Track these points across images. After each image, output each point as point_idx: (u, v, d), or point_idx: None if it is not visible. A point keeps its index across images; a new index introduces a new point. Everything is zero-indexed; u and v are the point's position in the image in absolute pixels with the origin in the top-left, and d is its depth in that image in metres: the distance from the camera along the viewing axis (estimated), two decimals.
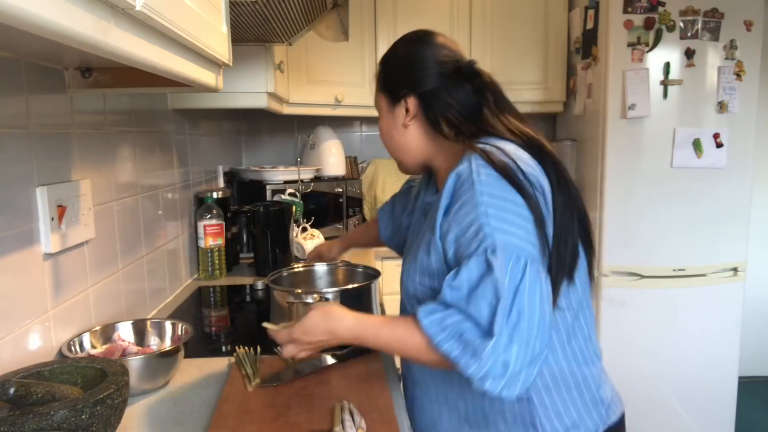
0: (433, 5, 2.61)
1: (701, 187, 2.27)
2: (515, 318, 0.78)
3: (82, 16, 0.50)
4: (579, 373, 0.95)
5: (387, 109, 1.05)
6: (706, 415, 2.38)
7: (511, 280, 0.79)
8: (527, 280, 0.80)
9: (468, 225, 0.84)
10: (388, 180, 2.79)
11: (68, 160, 1.11)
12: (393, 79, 1.03)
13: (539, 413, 0.93)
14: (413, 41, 1.04)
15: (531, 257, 0.81)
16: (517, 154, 0.90)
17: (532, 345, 0.79)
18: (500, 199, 0.84)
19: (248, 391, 1.05)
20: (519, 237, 0.82)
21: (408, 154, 1.06)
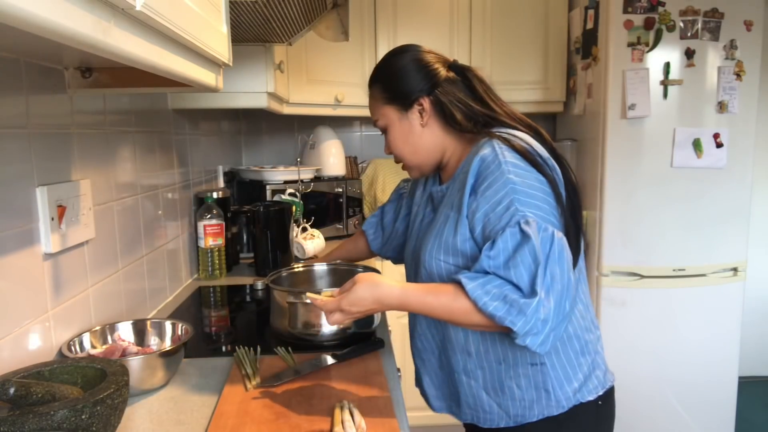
0: (433, 5, 2.61)
1: (701, 187, 2.27)
2: (549, 280, 0.89)
3: (82, 16, 0.50)
4: (582, 338, 1.06)
5: (399, 118, 1.10)
6: (706, 415, 2.38)
7: (543, 248, 0.89)
8: (555, 247, 0.90)
9: (498, 201, 0.94)
10: (388, 180, 2.79)
11: (68, 160, 1.11)
12: (400, 87, 1.09)
13: (551, 376, 1.03)
14: (406, 51, 1.12)
15: (556, 229, 0.92)
16: (530, 141, 1.01)
17: (563, 304, 0.90)
18: (526, 178, 0.94)
19: (248, 391, 1.05)
20: (545, 211, 0.93)
21: (425, 154, 1.11)
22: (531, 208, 0.92)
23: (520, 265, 0.90)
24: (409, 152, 1.12)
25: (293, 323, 1.27)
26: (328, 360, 1.16)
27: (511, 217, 0.92)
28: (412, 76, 1.08)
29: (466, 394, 1.10)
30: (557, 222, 0.94)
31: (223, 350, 1.31)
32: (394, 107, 1.10)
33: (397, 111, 1.10)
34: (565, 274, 0.90)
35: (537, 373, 1.03)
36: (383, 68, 1.13)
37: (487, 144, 1.00)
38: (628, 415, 2.34)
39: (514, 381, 1.05)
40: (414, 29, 2.62)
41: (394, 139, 1.13)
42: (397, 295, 0.97)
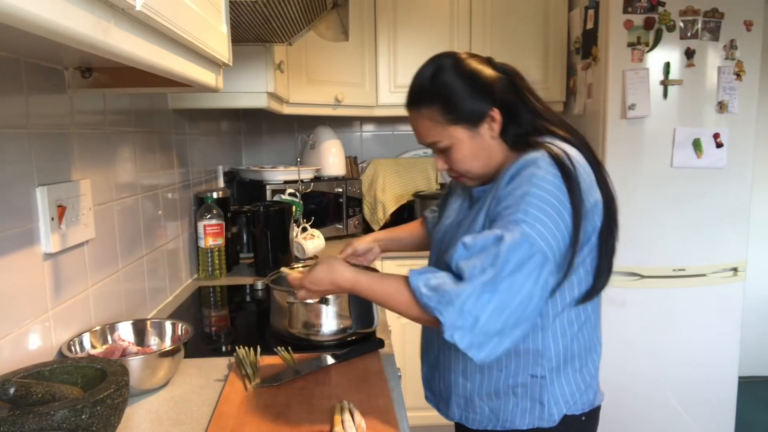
0: (433, 5, 2.61)
1: (701, 187, 2.27)
2: (499, 285, 0.87)
3: (82, 16, 0.50)
4: (584, 358, 1.06)
5: (469, 137, 1.03)
6: (706, 415, 2.38)
7: (512, 255, 0.87)
8: (530, 265, 0.88)
9: (508, 204, 0.93)
10: (388, 180, 2.79)
11: (68, 160, 1.11)
12: (467, 105, 1.02)
13: (548, 390, 1.03)
14: (450, 66, 1.03)
15: (543, 253, 0.89)
16: (578, 158, 0.98)
17: (506, 316, 0.87)
18: (548, 193, 0.91)
19: (248, 391, 1.05)
20: (546, 228, 0.89)
21: (494, 165, 1.06)
22: (533, 220, 0.89)
23: (477, 262, 0.88)
24: (479, 166, 1.06)
25: (293, 323, 1.27)
26: (328, 360, 1.16)
27: (507, 222, 0.91)
28: (475, 89, 1.02)
29: (458, 395, 1.10)
30: (558, 246, 0.91)
31: (223, 350, 1.31)
32: (461, 126, 1.02)
33: (466, 129, 1.03)
34: (523, 292, 0.87)
35: (536, 385, 1.03)
36: (436, 88, 1.03)
37: (535, 152, 0.97)
38: (628, 415, 2.34)
39: (511, 389, 1.04)
40: (414, 29, 2.62)
41: (462, 157, 1.05)
42: (349, 279, 1.02)
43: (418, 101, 1.05)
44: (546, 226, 0.90)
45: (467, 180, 1.10)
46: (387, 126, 3.06)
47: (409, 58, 2.64)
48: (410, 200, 2.76)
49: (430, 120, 1.03)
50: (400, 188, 2.81)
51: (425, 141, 1.06)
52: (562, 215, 0.91)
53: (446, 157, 1.07)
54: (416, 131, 1.07)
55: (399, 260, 2.37)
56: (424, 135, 1.06)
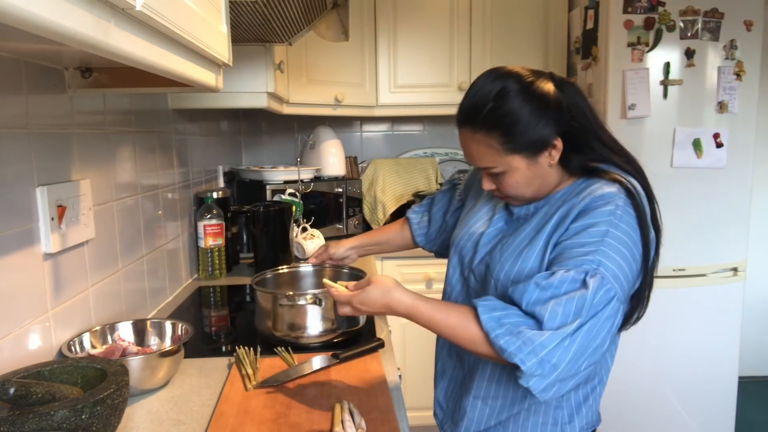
0: (433, 5, 2.61)
1: (701, 187, 2.27)
2: (579, 332, 0.85)
3: (82, 16, 0.50)
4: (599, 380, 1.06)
5: (527, 164, 0.97)
6: (706, 415, 2.38)
7: (594, 305, 0.86)
8: (607, 311, 0.87)
9: (584, 242, 0.90)
10: (388, 180, 2.79)
11: (68, 160, 1.11)
12: (531, 135, 0.94)
13: (562, 405, 1.04)
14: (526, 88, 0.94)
15: (619, 296, 0.89)
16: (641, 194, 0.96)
17: (580, 362, 0.86)
18: (625, 234, 0.90)
19: (248, 391, 1.05)
20: (623, 272, 0.89)
21: (545, 190, 1.02)
22: (610, 263, 0.88)
23: (559, 309, 0.86)
24: (531, 192, 1.01)
25: (278, 325, 1.26)
26: (328, 360, 1.16)
27: (583, 261, 0.88)
28: (539, 119, 0.94)
29: (471, 420, 1.08)
30: (627, 287, 0.90)
31: (223, 350, 1.31)
32: (520, 156, 0.96)
33: (525, 159, 0.97)
34: (599, 338, 0.87)
35: (558, 408, 1.04)
36: (499, 115, 0.94)
37: (608, 185, 0.94)
38: (628, 415, 2.34)
39: (525, 404, 1.04)
40: (414, 29, 2.62)
41: (515, 183, 0.99)
42: (407, 306, 0.96)
43: (474, 123, 0.96)
44: (622, 270, 0.89)
45: (512, 201, 1.06)
46: (387, 126, 3.06)
47: (409, 58, 2.64)
48: (410, 200, 2.76)
49: (487, 147, 0.96)
50: (400, 188, 2.81)
51: (477, 164, 1.01)
52: (635, 257, 0.91)
53: (497, 180, 1.01)
54: (468, 152, 1.00)
55: (399, 260, 2.38)
56: (476, 158, 0.99)
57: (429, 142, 3.07)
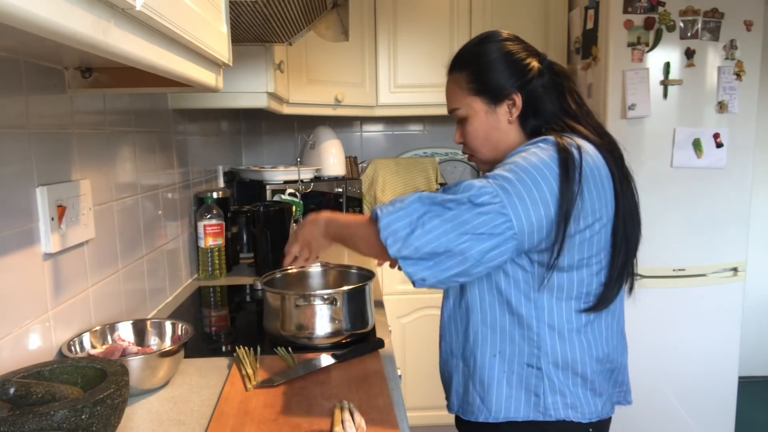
0: (433, 5, 2.61)
1: (701, 187, 2.27)
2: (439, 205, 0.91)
3: (82, 16, 0.50)
4: (589, 365, 1.02)
5: (486, 111, 1.05)
6: (706, 415, 2.38)
7: (472, 197, 0.90)
8: (483, 210, 0.89)
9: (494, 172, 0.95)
10: (388, 180, 2.79)
11: (68, 160, 1.11)
12: (492, 79, 1.04)
13: (544, 384, 1.00)
14: (496, 40, 1.06)
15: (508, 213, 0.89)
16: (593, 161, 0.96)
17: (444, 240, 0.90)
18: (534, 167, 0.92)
19: (248, 391, 1.05)
20: (517, 196, 0.90)
21: (503, 150, 1.06)
22: (506, 183, 0.91)
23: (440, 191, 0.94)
24: (488, 148, 1.08)
25: (286, 325, 1.27)
26: (328, 360, 1.16)
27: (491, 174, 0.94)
28: (506, 68, 1.03)
29: (458, 383, 1.10)
30: (524, 219, 0.90)
31: (223, 350, 1.31)
32: (481, 99, 1.05)
33: (484, 104, 1.05)
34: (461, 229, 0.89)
35: (531, 376, 1.01)
36: (472, 56, 1.07)
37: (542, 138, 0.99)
38: (628, 415, 2.34)
39: (505, 377, 1.02)
40: (414, 29, 2.62)
41: (474, 131, 1.07)
42: (324, 215, 1.11)
43: (453, 66, 1.09)
44: (519, 194, 0.90)
45: (477, 161, 1.12)
46: (387, 126, 3.06)
47: (409, 58, 2.64)
48: None
49: (456, 85, 1.07)
50: (400, 188, 2.81)
51: (448, 107, 1.10)
52: (544, 195, 0.91)
53: (463, 129, 1.09)
54: (446, 95, 1.11)
55: None
56: (448, 100, 1.10)
57: (429, 142, 3.07)
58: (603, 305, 1.00)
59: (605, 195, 0.96)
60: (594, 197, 0.94)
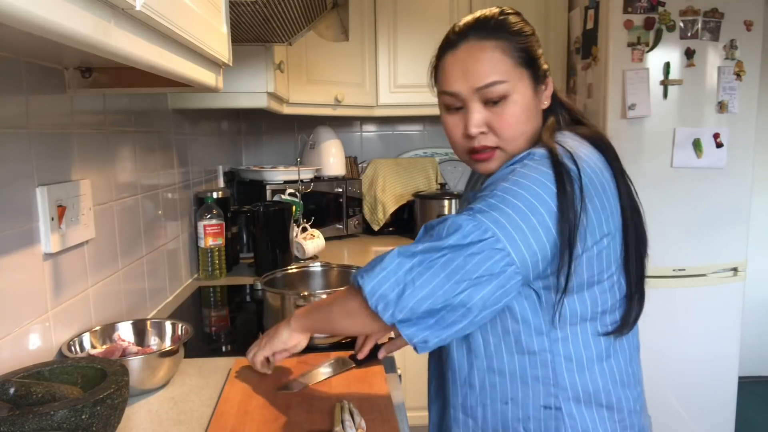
0: (433, 5, 2.61)
1: (701, 187, 2.27)
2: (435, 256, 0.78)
3: (82, 16, 0.50)
4: (614, 394, 0.89)
5: (532, 90, 0.89)
6: (706, 415, 2.38)
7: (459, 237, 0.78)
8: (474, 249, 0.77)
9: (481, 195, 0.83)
10: (388, 180, 2.79)
11: (68, 160, 1.11)
12: (536, 54, 0.90)
13: (566, 424, 0.86)
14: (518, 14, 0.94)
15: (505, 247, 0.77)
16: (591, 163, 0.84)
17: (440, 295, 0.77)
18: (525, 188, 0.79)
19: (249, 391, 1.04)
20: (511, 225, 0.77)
21: (532, 141, 0.90)
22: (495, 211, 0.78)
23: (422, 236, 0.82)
24: (525, 138, 0.89)
25: None
26: (345, 363, 1.14)
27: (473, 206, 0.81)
28: (539, 48, 0.91)
29: None
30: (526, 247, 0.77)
31: (223, 350, 1.31)
32: (530, 73, 0.88)
33: (532, 80, 0.88)
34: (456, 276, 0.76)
35: (550, 418, 0.86)
36: (514, 22, 0.89)
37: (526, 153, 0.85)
38: None
39: (521, 424, 0.88)
40: (414, 29, 2.62)
41: (517, 114, 0.87)
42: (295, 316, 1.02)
43: (482, 31, 0.87)
44: (512, 221, 0.77)
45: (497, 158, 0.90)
46: (387, 126, 3.06)
47: (409, 58, 2.64)
48: (410, 200, 2.76)
49: (503, 52, 0.86)
50: (400, 188, 2.81)
51: (484, 79, 0.86)
52: (542, 218, 0.78)
53: (494, 112, 0.87)
54: (470, 67, 0.87)
55: None
56: (485, 70, 0.86)
57: (429, 142, 3.07)
58: (627, 326, 0.88)
59: (610, 204, 0.84)
60: (599, 210, 0.82)
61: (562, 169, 0.79)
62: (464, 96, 0.88)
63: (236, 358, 1.20)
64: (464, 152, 0.93)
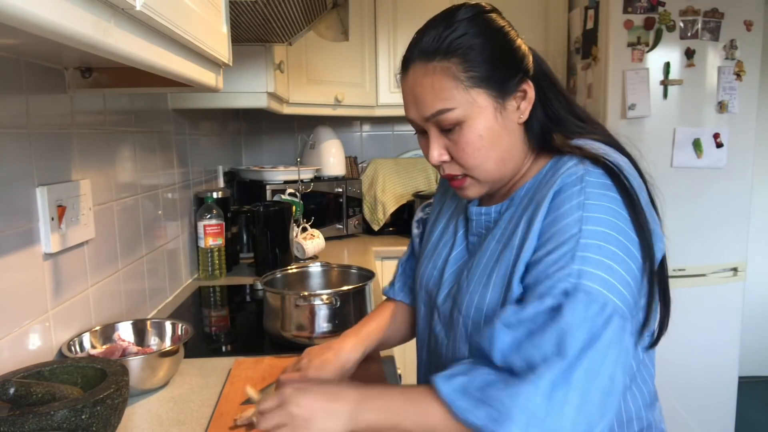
0: (433, 5, 2.60)
1: (701, 187, 2.27)
2: (572, 373, 0.62)
3: (82, 16, 0.50)
4: (645, 417, 0.83)
5: (494, 107, 0.76)
6: (706, 415, 2.38)
7: (586, 335, 0.63)
8: (608, 334, 0.64)
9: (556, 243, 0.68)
10: (388, 180, 2.79)
11: (68, 160, 1.11)
12: (495, 63, 0.75)
13: None
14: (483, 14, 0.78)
15: (618, 308, 0.65)
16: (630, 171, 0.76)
17: (592, 414, 0.63)
18: (605, 224, 0.67)
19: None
20: (616, 279, 0.66)
21: (511, 164, 0.80)
22: (594, 268, 0.65)
23: (532, 350, 0.64)
24: (495, 161, 0.78)
25: (286, 326, 1.26)
26: None
27: (558, 279, 0.66)
28: (503, 50, 0.76)
29: None
30: (630, 293, 0.66)
31: (223, 350, 1.31)
32: (486, 91, 0.75)
33: (491, 98, 0.75)
34: (608, 374, 0.63)
35: None
36: (454, 34, 0.75)
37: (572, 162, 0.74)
38: None
39: None
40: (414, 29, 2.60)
41: (477, 138, 0.76)
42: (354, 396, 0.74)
43: (425, 53, 0.76)
44: (614, 272, 0.65)
45: (470, 185, 0.81)
46: (387, 126, 3.06)
47: None
48: (410, 200, 2.76)
49: (446, 76, 0.75)
50: (400, 188, 2.81)
51: (430, 108, 0.76)
52: (629, 251, 0.67)
53: (451, 140, 0.77)
54: (418, 95, 0.77)
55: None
56: (430, 98, 0.76)
57: None
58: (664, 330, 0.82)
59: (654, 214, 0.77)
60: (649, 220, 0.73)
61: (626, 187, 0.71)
62: (419, 124, 0.80)
63: (236, 358, 1.20)
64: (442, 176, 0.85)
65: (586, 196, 0.69)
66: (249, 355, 1.22)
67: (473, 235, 0.87)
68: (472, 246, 0.86)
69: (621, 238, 0.67)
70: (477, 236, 0.86)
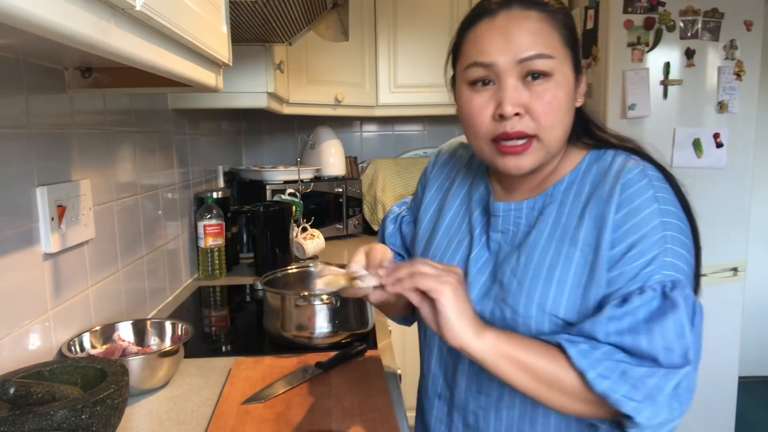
0: (433, 5, 2.61)
1: (701, 187, 2.26)
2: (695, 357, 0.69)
3: (82, 16, 0.50)
4: None
5: (571, 79, 0.76)
6: (706, 415, 2.38)
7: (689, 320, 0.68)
8: (698, 319, 0.70)
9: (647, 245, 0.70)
10: (388, 180, 2.79)
11: (68, 160, 1.11)
12: (578, 46, 0.79)
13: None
14: None
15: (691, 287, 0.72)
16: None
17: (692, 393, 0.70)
18: (676, 217, 0.72)
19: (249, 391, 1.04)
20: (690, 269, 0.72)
21: (563, 142, 0.79)
22: (680, 261, 0.70)
23: (657, 336, 0.67)
24: (563, 130, 0.76)
25: (286, 325, 1.26)
26: (314, 370, 1.11)
27: (651, 274, 0.69)
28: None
29: None
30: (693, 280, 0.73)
31: (223, 350, 1.31)
32: (572, 61, 0.77)
33: (573, 70, 0.77)
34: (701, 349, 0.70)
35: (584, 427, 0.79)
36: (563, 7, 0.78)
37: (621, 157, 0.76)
38: None
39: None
40: (414, 29, 2.62)
41: (558, 99, 0.74)
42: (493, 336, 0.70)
43: (527, 3, 0.74)
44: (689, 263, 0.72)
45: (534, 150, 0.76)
46: (387, 126, 3.06)
47: (409, 58, 2.64)
48: None
49: (550, 26, 0.74)
50: (400, 188, 2.81)
51: (530, 49, 0.72)
52: (690, 238, 0.74)
53: (534, 92, 0.73)
54: (514, 36, 0.73)
55: None
56: (530, 41, 0.73)
57: (429, 142, 3.07)
58: None
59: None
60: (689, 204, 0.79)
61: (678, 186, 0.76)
62: (501, 69, 0.73)
63: (236, 358, 1.20)
64: (490, 139, 0.76)
65: (656, 190, 0.72)
66: (249, 355, 1.22)
67: (496, 232, 0.83)
68: (495, 243, 0.83)
69: (685, 228, 0.73)
70: (503, 233, 0.83)
